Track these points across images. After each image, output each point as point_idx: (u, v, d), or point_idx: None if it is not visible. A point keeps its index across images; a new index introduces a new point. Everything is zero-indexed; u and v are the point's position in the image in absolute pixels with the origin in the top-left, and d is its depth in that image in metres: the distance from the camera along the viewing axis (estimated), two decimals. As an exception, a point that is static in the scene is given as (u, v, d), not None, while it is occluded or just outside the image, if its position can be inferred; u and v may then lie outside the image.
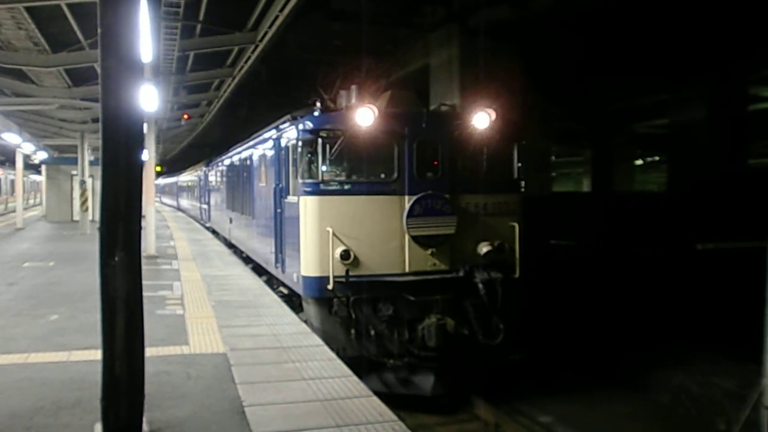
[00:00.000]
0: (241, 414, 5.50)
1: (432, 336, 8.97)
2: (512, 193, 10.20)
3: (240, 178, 16.73)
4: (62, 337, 8.18)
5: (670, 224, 18.52)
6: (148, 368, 4.78)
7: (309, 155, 9.44)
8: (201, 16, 14.61)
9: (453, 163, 9.72)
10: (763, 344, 7.55)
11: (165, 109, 23.34)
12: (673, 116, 23.91)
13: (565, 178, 47.79)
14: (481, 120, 9.60)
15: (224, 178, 20.62)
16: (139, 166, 4.59)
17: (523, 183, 10.54)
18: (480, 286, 9.24)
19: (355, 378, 6.62)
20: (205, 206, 27.61)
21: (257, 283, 12.76)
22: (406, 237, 9.28)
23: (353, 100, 10.37)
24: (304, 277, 9.39)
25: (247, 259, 16.14)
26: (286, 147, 10.60)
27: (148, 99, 14.58)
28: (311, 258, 9.23)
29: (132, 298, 4.47)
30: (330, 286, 8.97)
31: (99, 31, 4.31)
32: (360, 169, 9.55)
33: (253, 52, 16.99)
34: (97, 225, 4.47)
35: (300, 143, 9.59)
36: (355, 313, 8.93)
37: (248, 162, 15.30)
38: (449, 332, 9.10)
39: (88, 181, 26.58)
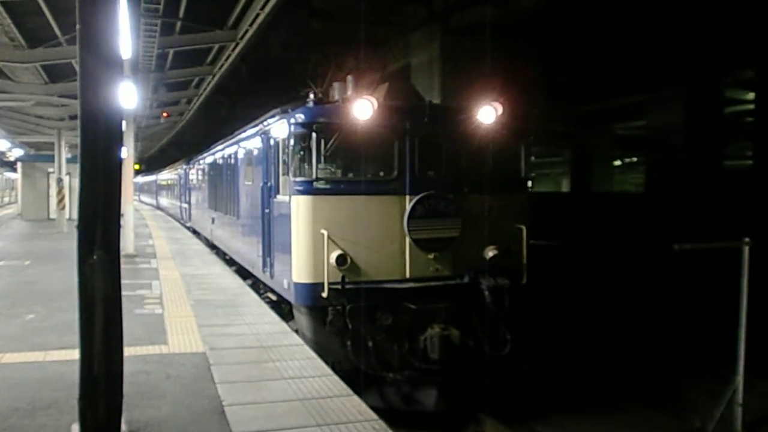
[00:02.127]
0: (220, 414, 5.47)
1: (435, 348, 8.27)
2: (519, 194, 9.60)
3: (223, 176, 16.00)
4: (38, 336, 8.08)
5: (647, 224, 18.75)
6: (127, 368, 4.73)
7: (301, 151, 8.75)
8: (181, 14, 14.50)
9: (457, 160, 9.09)
10: (737, 342, 7.69)
11: (144, 106, 23.12)
12: (651, 118, 24.22)
13: (544, 179, 48.19)
14: (487, 114, 8.88)
15: (206, 177, 19.85)
16: (118, 163, 4.54)
17: (530, 183, 9.74)
18: (486, 293, 8.61)
19: (335, 377, 6.62)
20: (185, 205, 26.71)
21: (236, 282, 12.70)
22: (407, 240, 8.63)
23: (349, 92, 9.56)
24: (296, 284, 8.65)
25: (230, 261, 15.47)
26: (276, 142, 9.87)
27: (127, 96, 14.43)
28: (304, 263, 8.52)
29: (111, 297, 4.42)
30: (324, 294, 8.23)
31: (78, 27, 4.26)
32: (357, 167, 8.88)
33: (233, 50, 16.91)
34: (75, 223, 4.43)
35: (292, 138, 8.89)
36: (352, 324, 8.21)
37: (232, 159, 14.62)
38: (453, 343, 8.38)
39: (65, 179, 26.25)
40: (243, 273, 13.49)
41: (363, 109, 8.29)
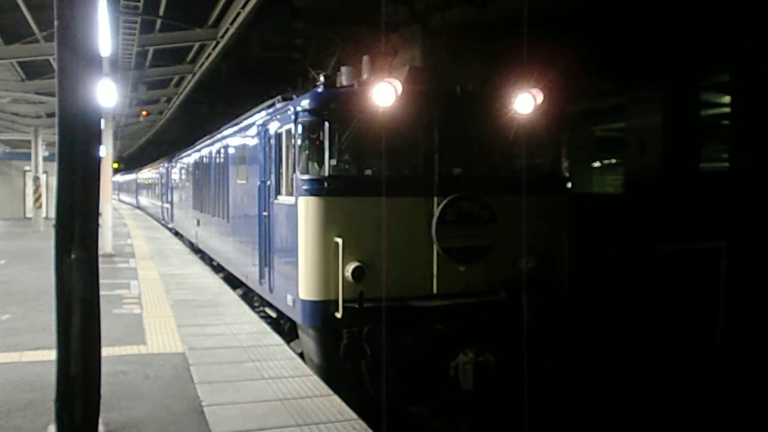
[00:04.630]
0: (200, 414, 5.44)
1: (468, 376, 7.11)
2: (559, 195, 8.37)
3: (211, 175, 14.72)
4: (14, 337, 7.98)
5: (625, 226, 18.93)
6: (105, 368, 4.70)
7: (310, 144, 7.49)
8: (161, 11, 14.36)
9: (491, 156, 7.97)
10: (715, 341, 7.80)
11: (123, 104, 22.90)
12: (629, 120, 24.45)
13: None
14: (525, 104, 7.69)
15: (191, 175, 18.51)
16: (97, 162, 4.51)
17: (569, 183, 8.66)
18: (526, 311, 7.47)
19: (315, 377, 6.62)
20: (167, 205, 25.40)
21: (216, 282, 12.63)
22: (435, 250, 7.44)
23: (365, 76, 8.28)
24: (304, 302, 7.37)
25: (218, 267, 14.33)
26: (277, 135, 8.56)
27: (106, 94, 14.28)
28: (313, 277, 7.26)
29: (88, 296, 4.39)
30: (339, 315, 7.05)
31: (56, 23, 4.22)
32: (376, 163, 7.61)
33: (214, 48, 16.80)
34: (52, 222, 4.38)
35: (299, 128, 7.57)
36: (370, 348, 7.08)
37: (222, 155, 13.39)
38: (489, 371, 7.18)
39: (42, 178, 25.95)
40: (232, 281, 12.45)
41: (384, 94, 7.00)
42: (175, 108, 28.08)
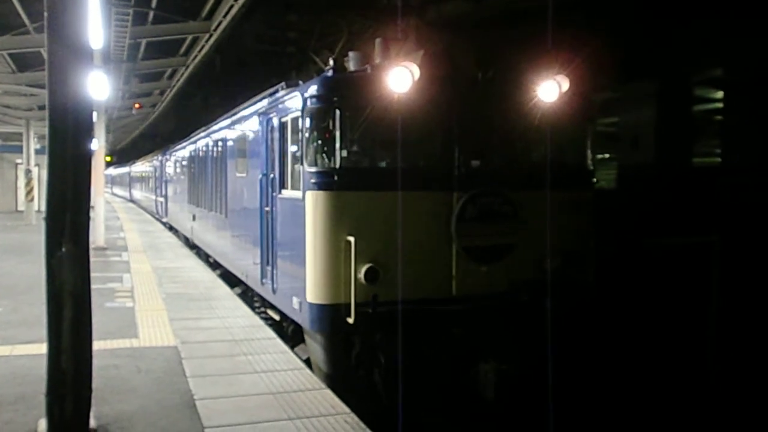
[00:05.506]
0: (192, 408, 5.43)
1: (490, 385, 6.72)
2: (584, 190, 7.84)
3: (207, 168, 14.06)
4: (5, 330, 7.94)
5: (618, 220, 18.97)
6: (96, 362, 4.68)
7: (319, 133, 6.91)
8: (154, 3, 14.29)
9: (513, 148, 7.51)
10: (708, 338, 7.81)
11: (115, 97, 22.78)
12: (622, 115, 24.48)
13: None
14: (549, 91, 7.13)
15: (187, 168, 17.73)
16: (88, 155, 4.48)
17: (595, 178, 8.21)
18: (550, 314, 6.90)
19: (307, 371, 6.61)
20: (161, 199, 24.64)
21: (209, 276, 12.60)
22: (454, 249, 6.93)
23: (378, 60, 7.66)
24: (311, 305, 6.78)
25: (214, 264, 13.74)
26: (281, 124, 7.98)
27: (98, 87, 14.20)
28: (322, 279, 6.69)
29: (79, 290, 4.37)
30: (351, 320, 6.50)
31: (45, 14, 4.19)
32: (391, 154, 7.06)
33: (207, 41, 16.72)
34: (44, 215, 4.36)
35: (307, 116, 7.00)
36: (385, 355, 6.65)
37: (219, 148, 12.80)
38: (512, 379, 6.77)
39: (34, 170, 25.85)
40: (230, 278, 11.90)
41: (401, 79, 6.41)
42: (168, 101, 27.97)
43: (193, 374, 6.32)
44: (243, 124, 10.50)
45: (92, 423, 4.72)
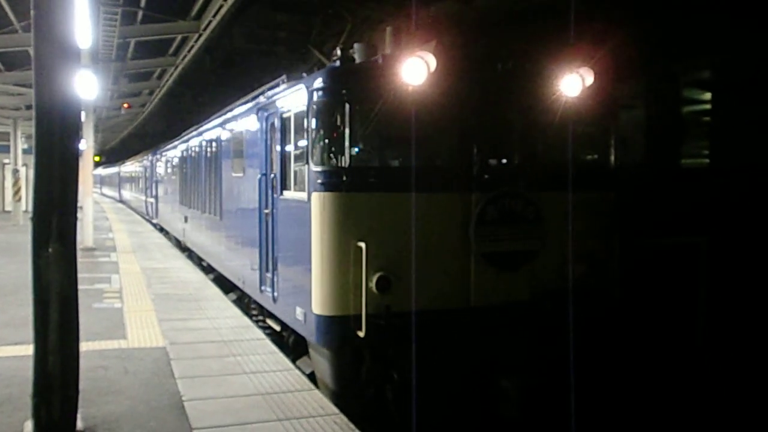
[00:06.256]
0: (180, 409, 5.41)
1: (512, 403, 6.33)
2: (607, 190, 7.35)
3: (200, 167, 13.48)
4: (-8, 331, 7.88)
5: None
6: (84, 363, 4.66)
7: (327, 129, 6.34)
8: (143, 3, 14.23)
9: (535, 145, 7.01)
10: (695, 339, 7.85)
11: (104, 97, 22.66)
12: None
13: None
14: (572, 85, 6.68)
15: (178, 167, 17.07)
16: (75, 155, 4.46)
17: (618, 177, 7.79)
18: (573, 324, 6.41)
19: (296, 371, 6.60)
20: (151, 200, 24.00)
21: (198, 276, 12.56)
22: (472, 254, 6.44)
23: (388, 50, 7.09)
24: (318, 317, 6.25)
25: (208, 268, 13.20)
26: (283, 120, 7.47)
27: (86, 86, 14.11)
28: (330, 288, 6.17)
29: (66, 290, 4.35)
30: (362, 333, 5.96)
31: (32, 13, 4.16)
32: (405, 152, 6.42)
33: (196, 41, 16.66)
34: (30, 216, 4.33)
35: (313, 110, 6.45)
36: (398, 371, 6.17)
37: (213, 146, 12.26)
38: (536, 395, 6.34)
39: (21, 170, 25.66)
40: (224, 283, 11.37)
41: (415, 70, 5.89)
42: (157, 101, 27.87)
43: (182, 375, 6.30)
44: (240, 121, 9.96)
45: (79, 425, 4.69)
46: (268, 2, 16.52)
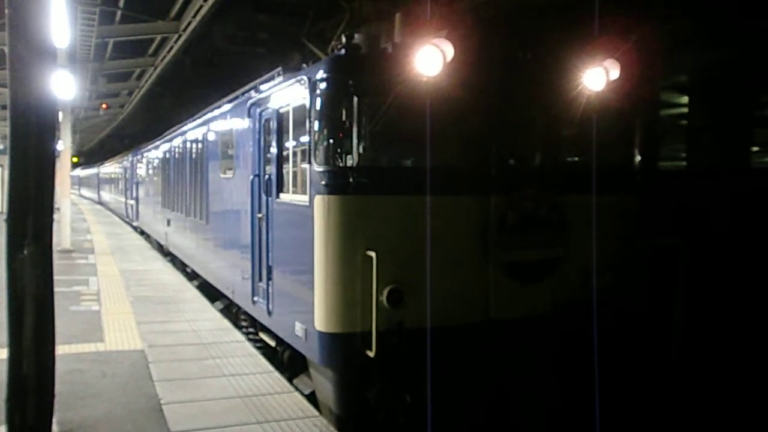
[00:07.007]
0: (158, 412, 5.37)
1: (534, 424, 5.99)
2: (631, 193, 6.84)
3: (185, 168, 12.73)
4: (-35, 335, 7.76)
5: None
6: (60, 367, 4.60)
7: (331, 125, 5.70)
8: (121, 3, 14.12)
9: (557, 144, 6.56)
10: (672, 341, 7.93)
11: (82, 97, 22.41)
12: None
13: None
14: (596, 79, 6.10)
15: (160, 168, 16.24)
16: (51, 155, 4.39)
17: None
18: (597, 340, 5.83)
19: (276, 374, 6.58)
20: (131, 202, 22.98)
21: (177, 279, 12.47)
22: (491, 263, 5.87)
23: (396, 39, 6.51)
24: (321, 335, 5.59)
25: (192, 275, 12.58)
26: (279, 115, 6.82)
27: (63, 86, 13.95)
28: (335, 302, 5.54)
29: (42, 293, 4.28)
30: (371, 353, 5.35)
31: (7, 12, 4.10)
32: (418, 151, 5.71)
33: (176, 41, 16.57)
34: (5, 217, 4.27)
35: (316, 104, 5.79)
36: (410, 393, 5.57)
37: (199, 146, 11.49)
38: (562, 416, 5.97)
39: (-3, 171, 25.30)
40: (210, 291, 10.65)
41: (430, 60, 5.32)
42: (136, 101, 27.67)
43: (160, 378, 6.24)
44: (229, 119, 9.22)
45: (55, 429, 4.64)
46: (249, 3, 16.47)
